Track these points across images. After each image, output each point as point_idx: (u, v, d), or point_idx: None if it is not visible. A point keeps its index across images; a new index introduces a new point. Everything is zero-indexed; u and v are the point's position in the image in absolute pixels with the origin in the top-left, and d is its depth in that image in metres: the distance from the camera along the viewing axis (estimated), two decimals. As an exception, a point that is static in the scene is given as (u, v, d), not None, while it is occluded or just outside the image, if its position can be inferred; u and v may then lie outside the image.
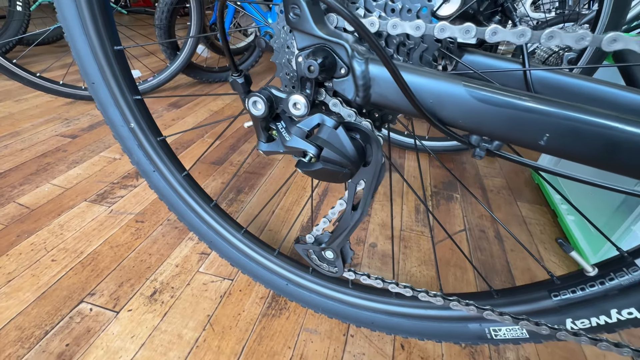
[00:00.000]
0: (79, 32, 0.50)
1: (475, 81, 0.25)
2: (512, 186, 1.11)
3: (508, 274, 0.77)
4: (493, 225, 0.93)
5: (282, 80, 0.39)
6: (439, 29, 0.25)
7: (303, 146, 0.30)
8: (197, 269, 0.73)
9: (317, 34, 0.26)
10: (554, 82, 0.41)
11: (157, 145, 0.60)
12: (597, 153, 0.23)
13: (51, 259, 0.73)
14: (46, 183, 0.97)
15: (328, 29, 0.27)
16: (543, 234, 0.91)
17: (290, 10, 0.27)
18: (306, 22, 0.26)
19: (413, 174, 1.15)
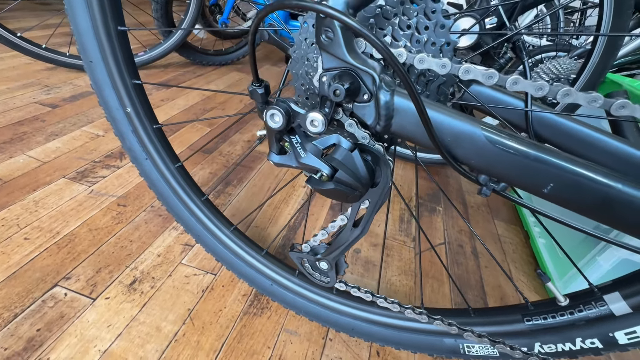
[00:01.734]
0: (81, 6, 0.47)
1: (492, 126, 0.26)
2: (491, 204, 1.16)
3: (481, 290, 0.82)
4: (471, 241, 0.97)
5: (296, 90, 0.39)
6: (464, 70, 0.26)
7: (318, 165, 0.30)
8: (179, 261, 0.72)
9: (347, 59, 0.27)
10: (552, 124, 0.43)
11: (153, 133, 0.59)
12: (594, 206, 0.25)
13: (24, 237, 0.70)
14: (21, 154, 0.92)
15: (358, 56, 0.27)
16: (515, 253, 0.96)
17: (323, 33, 0.27)
18: (337, 47, 0.27)
19: (400, 182, 1.18)
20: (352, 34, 0.27)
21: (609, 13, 0.81)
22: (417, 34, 0.29)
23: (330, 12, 0.23)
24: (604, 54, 0.86)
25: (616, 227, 0.26)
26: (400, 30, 0.30)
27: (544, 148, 0.25)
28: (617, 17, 0.79)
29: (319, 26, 0.27)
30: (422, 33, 0.30)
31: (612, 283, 0.42)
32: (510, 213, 1.14)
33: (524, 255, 0.96)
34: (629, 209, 0.25)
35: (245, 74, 1.84)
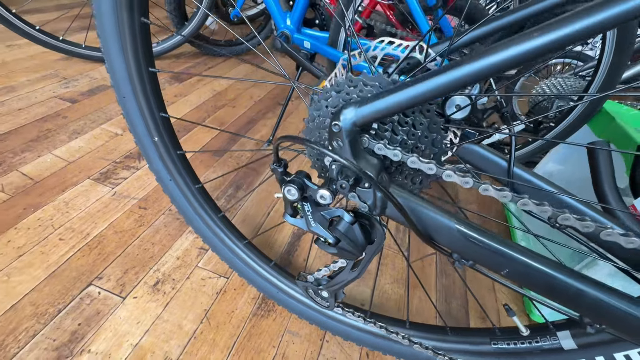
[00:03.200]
0: (117, 52, 0.53)
1: (465, 221, 0.33)
2: (482, 212, 1.23)
3: (464, 299, 0.91)
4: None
5: (307, 151, 0.45)
6: (446, 175, 0.32)
7: (324, 235, 0.37)
8: (196, 264, 0.81)
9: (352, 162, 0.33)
10: (530, 182, 0.49)
11: (177, 158, 0.65)
12: (540, 288, 0.33)
13: (59, 237, 0.78)
14: (48, 153, 0.99)
15: (361, 159, 0.33)
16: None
17: (334, 140, 0.33)
18: (345, 152, 0.33)
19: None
20: (358, 144, 0.33)
21: (610, 51, 0.84)
22: (410, 141, 0.36)
23: (328, 154, 0.30)
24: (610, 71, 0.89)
25: (559, 303, 0.33)
26: (400, 126, 0.36)
27: (503, 242, 0.32)
28: (617, 55, 0.82)
29: (331, 136, 0.33)
30: (420, 142, 0.36)
31: (566, 322, 0.50)
32: (501, 227, 1.21)
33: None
34: (565, 291, 0.32)
35: (255, 67, 1.86)
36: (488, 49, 0.25)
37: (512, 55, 0.25)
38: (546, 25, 0.23)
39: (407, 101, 0.28)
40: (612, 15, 0.21)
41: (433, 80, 0.26)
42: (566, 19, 0.23)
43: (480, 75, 0.26)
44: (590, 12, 0.22)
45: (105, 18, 0.49)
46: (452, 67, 0.26)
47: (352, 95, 0.37)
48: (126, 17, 0.49)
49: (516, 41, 0.24)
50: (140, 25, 0.51)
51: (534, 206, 0.31)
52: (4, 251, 0.73)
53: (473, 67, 0.25)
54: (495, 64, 0.25)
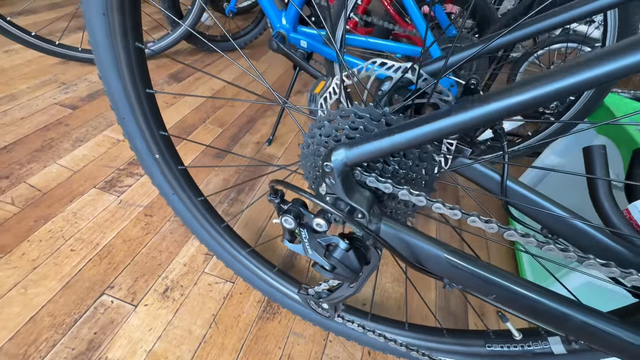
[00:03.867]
0: (114, 77, 0.53)
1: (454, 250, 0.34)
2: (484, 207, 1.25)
3: (463, 297, 0.93)
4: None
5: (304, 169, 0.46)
6: (435, 207, 0.34)
7: (321, 262, 0.39)
8: (202, 269, 0.84)
9: (345, 200, 0.34)
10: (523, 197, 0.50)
11: (178, 173, 0.67)
12: (525, 311, 0.34)
13: (70, 248, 0.81)
14: (53, 163, 1.01)
15: (353, 195, 0.35)
16: (500, 258, 1.07)
17: (327, 178, 0.34)
18: (337, 190, 0.34)
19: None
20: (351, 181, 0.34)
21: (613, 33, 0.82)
22: (401, 172, 0.37)
23: (318, 203, 0.31)
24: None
25: (545, 325, 0.35)
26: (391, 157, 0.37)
27: (491, 269, 0.34)
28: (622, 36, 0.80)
29: (324, 174, 0.34)
30: (412, 170, 0.37)
31: (557, 327, 0.52)
32: (503, 217, 1.22)
33: (508, 259, 1.07)
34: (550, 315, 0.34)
35: (254, 61, 1.84)
36: (495, 94, 0.26)
37: (524, 100, 0.25)
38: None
39: (399, 146, 0.29)
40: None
41: (428, 127, 0.27)
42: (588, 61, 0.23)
43: (482, 121, 0.26)
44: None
45: (100, 45, 0.50)
46: (456, 111, 0.26)
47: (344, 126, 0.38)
48: (120, 43, 0.50)
49: (531, 85, 0.25)
50: (135, 49, 0.52)
51: (537, 248, 0.32)
52: (19, 264, 0.76)
53: (474, 113, 0.26)
54: (500, 109, 0.25)
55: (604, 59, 0.22)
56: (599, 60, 0.23)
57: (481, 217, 0.33)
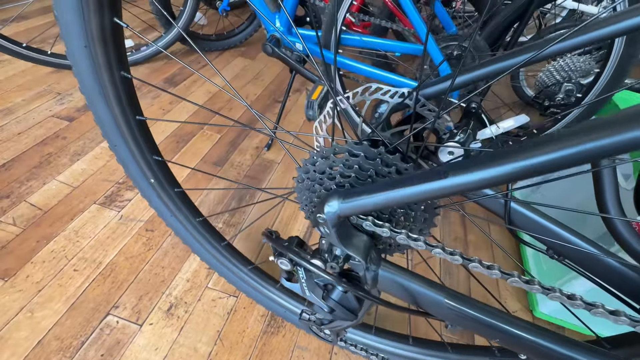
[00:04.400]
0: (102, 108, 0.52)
1: (454, 294, 0.33)
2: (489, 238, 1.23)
3: (468, 300, 0.93)
4: (465, 250, 1.06)
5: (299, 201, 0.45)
6: (435, 252, 0.32)
7: (319, 304, 0.38)
8: (205, 285, 0.84)
9: (341, 248, 0.33)
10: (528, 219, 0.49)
11: (175, 196, 0.66)
12: (519, 348, 0.33)
13: (73, 268, 0.82)
14: (52, 179, 1.01)
15: (349, 244, 0.33)
16: (505, 260, 1.05)
17: (322, 227, 0.32)
18: (332, 240, 0.32)
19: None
20: (346, 229, 0.33)
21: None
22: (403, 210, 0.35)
23: (310, 268, 0.30)
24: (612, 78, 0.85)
25: (529, 356, 0.34)
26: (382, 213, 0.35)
27: (492, 313, 0.33)
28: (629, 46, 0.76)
29: (316, 223, 0.32)
30: (410, 208, 0.35)
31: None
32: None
33: (514, 263, 1.05)
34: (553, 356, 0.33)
35: (250, 59, 1.81)
36: (498, 157, 0.24)
37: (530, 164, 0.23)
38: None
39: (392, 202, 0.27)
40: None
41: (422, 187, 0.25)
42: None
43: (478, 186, 0.25)
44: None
45: (85, 77, 0.48)
46: (452, 173, 0.24)
47: (339, 164, 0.36)
48: (106, 74, 0.48)
49: (536, 149, 0.22)
50: (120, 79, 0.50)
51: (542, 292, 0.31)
52: (24, 287, 0.77)
53: (470, 178, 0.24)
54: (501, 175, 0.23)
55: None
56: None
57: (483, 263, 0.32)
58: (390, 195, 0.27)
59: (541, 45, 0.39)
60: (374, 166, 0.35)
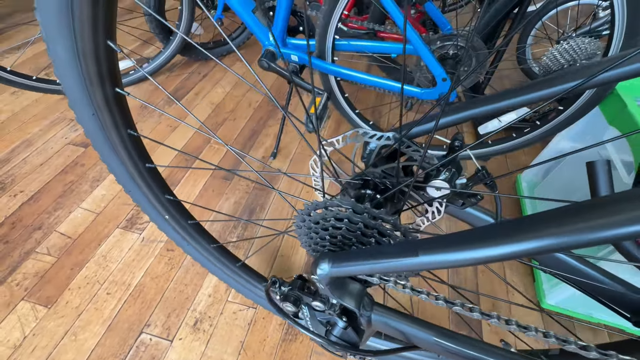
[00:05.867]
0: (115, 162, 0.56)
1: (443, 332, 0.36)
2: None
3: (475, 296, 0.96)
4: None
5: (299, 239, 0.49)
6: (422, 297, 0.36)
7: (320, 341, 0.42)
8: (226, 299, 0.91)
9: (335, 299, 0.37)
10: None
11: (189, 228, 0.71)
12: None
13: (106, 292, 0.90)
14: (77, 207, 1.08)
15: (344, 289, 0.37)
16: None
17: (316, 282, 0.36)
18: (327, 294, 0.36)
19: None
20: (340, 281, 0.36)
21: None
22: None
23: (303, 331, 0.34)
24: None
25: None
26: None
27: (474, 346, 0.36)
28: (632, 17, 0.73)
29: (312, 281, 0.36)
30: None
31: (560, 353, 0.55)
32: (513, 210, 1.22)
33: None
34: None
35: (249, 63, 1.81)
36: (472, 241, 0.26)
37: (507, 253, 0.24)
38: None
39: (377, 271, 0.31)
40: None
41: (394, 262, 0.28)
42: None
43: (447, 266, 0.27)
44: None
45: (96, 139, 0.52)
46: (423, 252, 0.27)
47: (330, 218, 0.40)
48: (114, 135, 0.52)
49: (509, 237, 0.24)
50: (128, 137, 0.54)
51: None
52: (65, 313, 0.85)
53: (440, 258, 0.27)
54: (471, 259, 0.26)
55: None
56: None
57: (465, 306, 0.35)
58: (372, 266, 0.30)
59: (537, 86, 0.40)
60: (362, 220, 0.38)
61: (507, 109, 0.40)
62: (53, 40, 0.38)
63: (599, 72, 0.33)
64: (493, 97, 0.41)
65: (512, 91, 0.40)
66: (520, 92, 0.39)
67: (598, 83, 0.36)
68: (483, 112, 0.43)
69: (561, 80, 0.39)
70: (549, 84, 0.39)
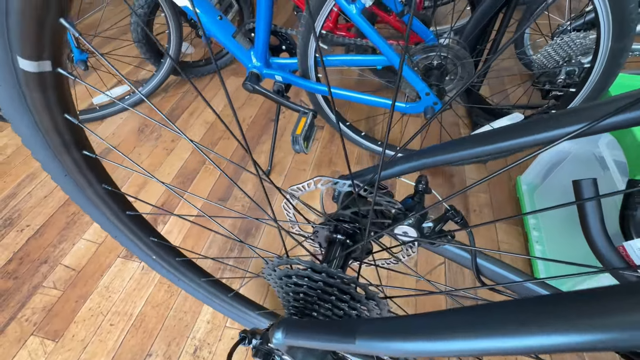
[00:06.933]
0: (98, 217, 0.58)
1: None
2: (494, 204, 1.21)
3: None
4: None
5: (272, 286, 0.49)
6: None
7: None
8: (224, 324, 0.93)
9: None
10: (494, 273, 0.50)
11: (179, 264, 0.73)
12: None
13: (109, 323, 0.93)
14: (80, 239, 1.12)
15: (306, 357, 0.37)
16: (512, 262, 1.05)
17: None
18: (285, 354, 0.37)
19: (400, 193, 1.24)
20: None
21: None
22: None
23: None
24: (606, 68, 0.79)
25: None
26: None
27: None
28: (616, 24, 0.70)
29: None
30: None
31: None
32: (515, 209, 1.19)
33: (521, 262, 1.05)
34: None
35: (242, 77, 1.82)
36: (417, 330, 0.24)
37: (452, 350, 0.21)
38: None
39: (324, 348, 0.31)
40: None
41: (339, 345, 0.28)
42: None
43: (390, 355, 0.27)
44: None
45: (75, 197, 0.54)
46: (360, 337, 0.27)
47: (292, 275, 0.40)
48: (91, 192, 0.54)
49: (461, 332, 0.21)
50: (104, 191, 0.55)
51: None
52: (72, 346, 0.89)
53: (380, 347, 0.26)
54: (411, 351, 0.24)
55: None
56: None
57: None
58: (321, 343, 0.30)
59: (490, 137, 0.38)
60: (321, 279, 0.38)
61: (461, 159, 0.39)
62: (14, 120, 0.39)
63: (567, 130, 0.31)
64: (448, 145, 0.40)
65: (470, 140, 0.39)
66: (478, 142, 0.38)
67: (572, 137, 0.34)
68: (437, 162, 0.42)
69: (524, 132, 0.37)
70: (508, 136, 0.37)
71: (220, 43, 1.02)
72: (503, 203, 1.21)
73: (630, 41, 0.69)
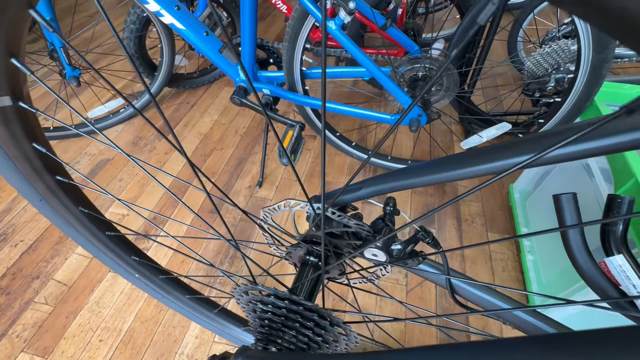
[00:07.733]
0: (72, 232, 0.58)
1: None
2: (487, 212, 1.20)
3: (465, 319, 0.94)
4: (461, 265, 1.06)
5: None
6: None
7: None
8: (212, 339, 0.92)
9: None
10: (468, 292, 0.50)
11: (163, 282, 0.73)
12: None
13: (99, 339, 0.93)
14: (72, 253, 1.12)
15: None
16: (504, 272, 1.04)
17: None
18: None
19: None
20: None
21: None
22: None
23: None
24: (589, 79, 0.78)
25: None
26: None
27: None
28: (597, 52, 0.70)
29: None
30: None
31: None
32: (506, 219, 1.18)
33: (513, 272, 1.04)
34: None
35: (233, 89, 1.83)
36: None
37: None
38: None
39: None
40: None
41: None
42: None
43: None
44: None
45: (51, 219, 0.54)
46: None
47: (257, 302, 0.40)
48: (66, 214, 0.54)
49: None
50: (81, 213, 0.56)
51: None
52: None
53: None
54: None
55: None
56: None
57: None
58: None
59: (457, 161, 0.38)
60: (286, 306, 0.38)
61: (423, 185, 0.38)
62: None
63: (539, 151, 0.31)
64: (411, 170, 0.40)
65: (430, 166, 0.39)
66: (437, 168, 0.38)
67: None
68: (401, 185, 0.42)
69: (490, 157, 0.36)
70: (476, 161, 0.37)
71: (207, 58, 1.03)
72: (495, 211, 1.20)
73: (611, 53, 0.69)
